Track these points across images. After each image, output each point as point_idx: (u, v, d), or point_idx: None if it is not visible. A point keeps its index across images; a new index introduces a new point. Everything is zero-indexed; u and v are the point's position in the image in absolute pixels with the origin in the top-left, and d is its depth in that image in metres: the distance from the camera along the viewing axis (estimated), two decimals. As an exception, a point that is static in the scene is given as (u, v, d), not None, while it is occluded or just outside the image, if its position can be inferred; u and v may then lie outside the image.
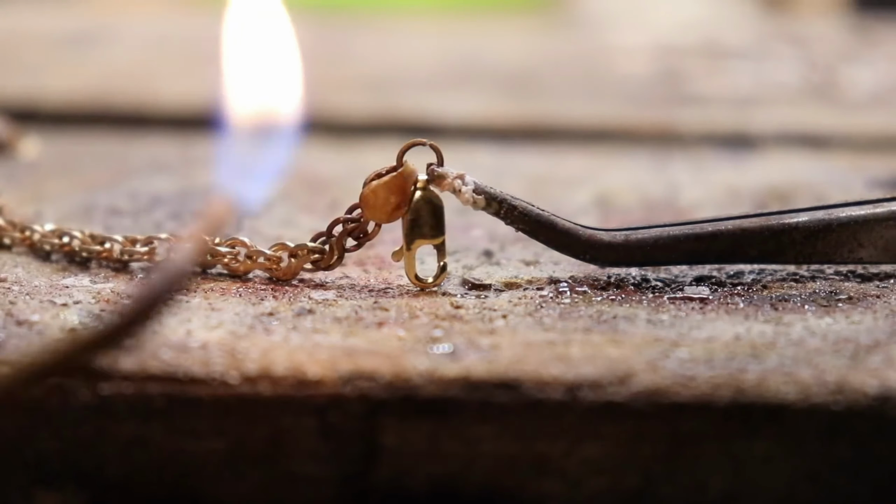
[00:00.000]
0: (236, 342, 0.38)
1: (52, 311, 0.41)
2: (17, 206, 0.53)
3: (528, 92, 0.79)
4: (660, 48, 0.99)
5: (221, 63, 0.44)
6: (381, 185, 0.43)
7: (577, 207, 0.55)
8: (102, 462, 0.36)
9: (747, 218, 0.44)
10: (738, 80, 0.86)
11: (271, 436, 0.36)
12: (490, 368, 0.36)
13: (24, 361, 0.33)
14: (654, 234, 0.43)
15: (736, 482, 0.36)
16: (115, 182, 0.59)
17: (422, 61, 0.92)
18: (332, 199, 0.56)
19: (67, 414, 0.36)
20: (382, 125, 0.71)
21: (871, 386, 0.36)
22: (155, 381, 0.36)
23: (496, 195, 0.43)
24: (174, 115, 0.74)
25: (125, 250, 0.45)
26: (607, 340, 0.39)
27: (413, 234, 0.43)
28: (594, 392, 0.36)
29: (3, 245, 0.48)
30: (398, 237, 0.43)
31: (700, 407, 0.35)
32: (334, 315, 0.41)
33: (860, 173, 0.62)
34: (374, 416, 0.36)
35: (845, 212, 0.44)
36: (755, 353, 0.38)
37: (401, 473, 0.36)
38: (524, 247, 0.48)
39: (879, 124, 0.72)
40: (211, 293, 0.43)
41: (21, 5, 1.19)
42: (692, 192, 0.59)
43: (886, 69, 0.91)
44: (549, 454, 0.36)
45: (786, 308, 0.41)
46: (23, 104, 0.74)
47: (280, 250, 0.44)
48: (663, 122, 0.72)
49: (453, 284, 0.44)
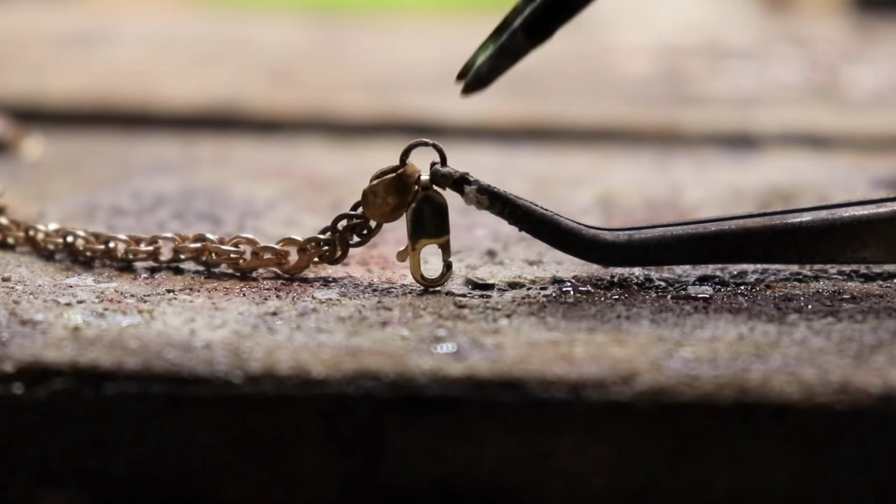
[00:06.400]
0: (240, 341, 0.38)
1: (56, 311, 0.41)
2: (21, 206, 0.53)
3: (530, 92, 0.79)
4: (662, 48, 0.99)
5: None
6: (381, 185, 0.43)
7: (580, 207, 0.55)
8: (106, 462, 0.36)
9: (750, 218, 0.44)
10: (740, 80, 0.86)
11: (275, 435, 0.36)
12: (494, 368, 0.36)
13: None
14: (657, 234, 0.43)
15: (740, 482, 0.36)
16: (118, 181, 0.59)
17: (424, 61, 0.92)
18: (334, 198, 0.56)
19: (71, 414, 0.36)
20: (385, 125, 0.71)
21: (875, 385, 0.36)
22: (159, 381, 0.36)
23: (500, 195, 0.43)
24: (177, 114, 0.74)
25: (129, 250, 0.45)
26: (611, 340, 0.39)
27: (417, 234, 0.43)
28: (598, 392, 0.36)
29: (6, 245, 0.48)
30: (403, 237, 0.43)
31: (704, 406, 0.35)
32: (338, 315, 0.41)
33: (863, 173, 0.62)
34: (378, 416, 0.36)
35: (848, 211, 0.44)
36: (759, 353, 0.38)
37: (405, 472, 0.36)
38: (527, 246, 0.48)
39: (882, 124, 0.72)
40: (215, 293, 0.43)
41: (24, 5, 1.20)
42: (695, 192, 0.59)
43: (888, 69, 0.91)
44: (553, 453, 0.36)
45: (789, 308, 0.41)
46: (26, 104, 0.74)
47: (288, 245, 0.44)
48: (666, 122, 0.72)
49: (457, 284, 0.44)
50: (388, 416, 0.36)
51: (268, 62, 0.91)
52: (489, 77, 0.41)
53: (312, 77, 0.85)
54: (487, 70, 0.41)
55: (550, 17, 0.40)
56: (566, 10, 0.40)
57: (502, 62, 0.41)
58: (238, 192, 0.58)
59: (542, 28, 0.41)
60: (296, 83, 0.83)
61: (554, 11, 0.40)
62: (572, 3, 0.40)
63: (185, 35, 1.04)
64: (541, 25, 0.41)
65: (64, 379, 0.36)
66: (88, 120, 0.73)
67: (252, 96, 0.77)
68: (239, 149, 0.68)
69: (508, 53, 0.41)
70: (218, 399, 0.36)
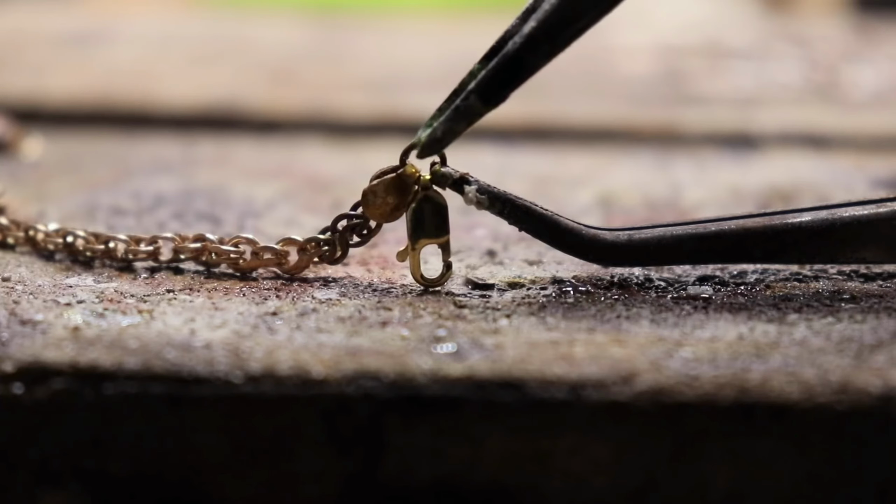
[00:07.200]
0: (240, 341, 0.38)
1: (56, 311, 0.41)
2: (21, 206, 0.53)
3: (530, 92, 0.79)
4: (662, 48, 0.99)
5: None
6: (381, 185, 0.43)
7: (580, 207, 0.55)
8: (106, 462, 0.36)
9: (750, 218, 0.44)
10: (740, 80, 0.86)
11: (275, 435, 0.36)
12: (494, 368, 0.36)
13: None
14: (657, 234, 0.43)
15: (739, 482, 0.36)
16: (118, 181, 0.59)
17: (424, 61, 0.92)
18: (334, 198, 0.56)
19: (72, 413, 0.36)
20: (384, 125, 0.71)
21: (875, 386, 0.36)
22: (159, 381, 0.36)
23: (499, 195, 0.43)
24: (177, 114, 0.74)
25: (129, 250, 0.45)
26: (611, 340, 0.39)
27: (417, 234, 0.43)
28: (598, 392, 0.36)
29: (6, 245, 0.48)
30: (403, 237, 0.43)
31: (704, 406, 0.35)
32: (338, 315, 0.41)
33: (863, 173, 0.62)
34: (378, 416, 0.36)
35: (848, 211, 0.44)
36: (759, 353, 0.38)
37: (405, 472, 0.36)
38: (527, 246, 0.48)
39: (882, 124, 0.72)
40: (215, 293, 0.43)
41: (24, 5, 1.20)
42: (695, 192, 0.59)
43: (888, 69, 0.91)
44: (553, 453, 0.36)
45: (789, 308, 0.42)
46: (26, 104, 0.74)
47: (288, 245, 0.44)
48: (666, 122, 0.72)
49: (457, 284, 0.44)
50: (388, 416, 0.36)
51: (268, 62, 0.91)
52: (444, 140, 0.42)
53: (312, 77, 0.85)
54: (441, 134, 0.42)
55: (504, 81, 0.41)
56: (518, 73, 0.41)
57: (457, 125, 0.42)
58: (238, 192, 0.58)
59: (495, 92, 0.41)
60: (296, 83, 0.83)
61: (507, 76, 0.41)
62: (524, 68, 0.41)
63: (185, 35, 1.04)
64: (494, 89, 0.41)
65: (64, 379, 0.36)
66: (88, 120, 0.73)
67: (252, 96, 0.77)
68: (239, 149, 0.68)
69: (463, 117, 0.42)
70: (218, 399, 0.36)
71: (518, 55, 0.41)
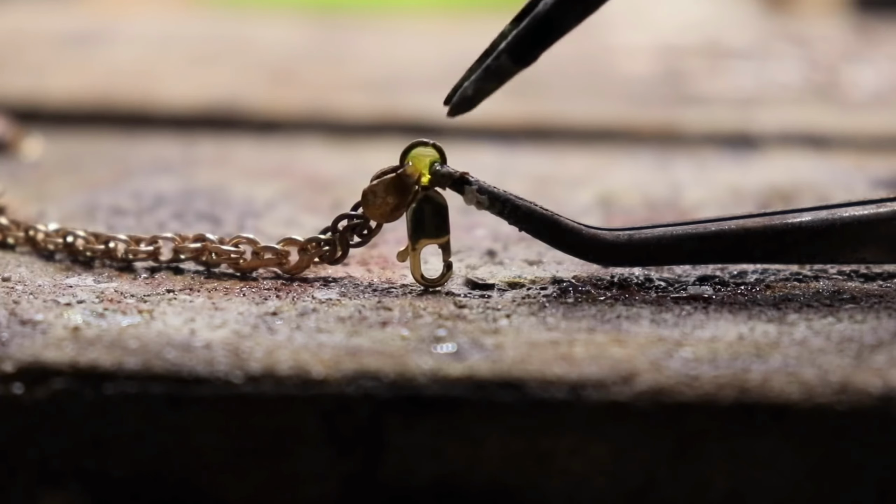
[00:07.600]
0: (240, 341, 0.38)
1: (56, 311, 0.41)
2: (21, 206, 0.53)
3: (530, 92, 0.79)
4: (662, 48, 0.99)
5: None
6: (381, 185, 0.43)
7: (580, 207, 0.55)
8: (106, 462, 0.36)
9: (750, 218, 0.44)
10: (740, 80, 0.86)
11: (275, 435, 0.36)
12: (494, 368, 0.36)
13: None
14: (657, 234, 0.43)
15: (740, 482, 0.36)
16: (118, 181, 0.60)
17: (424, 61, 0.92)
18: (334, 198, 0.56)
19: (71, 414, 0.36)
20: (384, 125, 0.72)
21: (875, 386, 0.36)
22: (159, 381, 0.36)
23: (500, 195, 0.43)
24: (177, 114, 0.74)
25: (129, 250, 0.45)
26: (611, 340, 0.39)
27: (417, 234, 0.43)
28: (598, 392, 0.36)
29: (6, 245, 0.48)
30: (403, 237, 0.43)
31: (704, 406, 0.35)
32: (338, 315, 0.41)
33: (863, 173, 0.62)
34: (378, 416, 0.36)
35: (848, 212, 0.44)
36: (759, 353, 0.38)
37: (405, 472, 0.36)
38: (527, 246, 0.48)
39: (882, 124, 0.72)
40: (215, 293, 0.43)
41: (24, 5, 1.20)
42: (695, 192, 0.59)
43: (888, 69, 0.91)
44: (553, 453, 0.36)
45: (789, 308, 0.42)
46: (26, 104, 0.74)
47: (288, 245, 0.44)
48: (666, 122, 0.72)
49: (457, 284, 0.44)
50: (388, 416, 0.36)
51: (268, 62, 0.91)
52: (475, 99, 0.42)
53: (312, 77, 0.85)
54: (473, 92, 0.42)
55: (535, 41, 0.42)
56: (550, 34, 0.41)
57: (488, 85, 0.42)
58: (238, 192, 0.58)
59: (526, 51, 0.42)
60: (296, 83, 0.83)
61: (538, 36, 0.41)
62: (555, 28, 0.41)
63: (185, 35, 1.04)
64: (526, 49, 0.42)
65: (64, 379, 0.36)
66: (88, 120, 0.73)
67: (252, 96, 0.77)
68: (239, 149, 0.68)
69: (494, 76, 0.42)
70: (218, 399, 0.36)
71: (550, 15, 0.42)
